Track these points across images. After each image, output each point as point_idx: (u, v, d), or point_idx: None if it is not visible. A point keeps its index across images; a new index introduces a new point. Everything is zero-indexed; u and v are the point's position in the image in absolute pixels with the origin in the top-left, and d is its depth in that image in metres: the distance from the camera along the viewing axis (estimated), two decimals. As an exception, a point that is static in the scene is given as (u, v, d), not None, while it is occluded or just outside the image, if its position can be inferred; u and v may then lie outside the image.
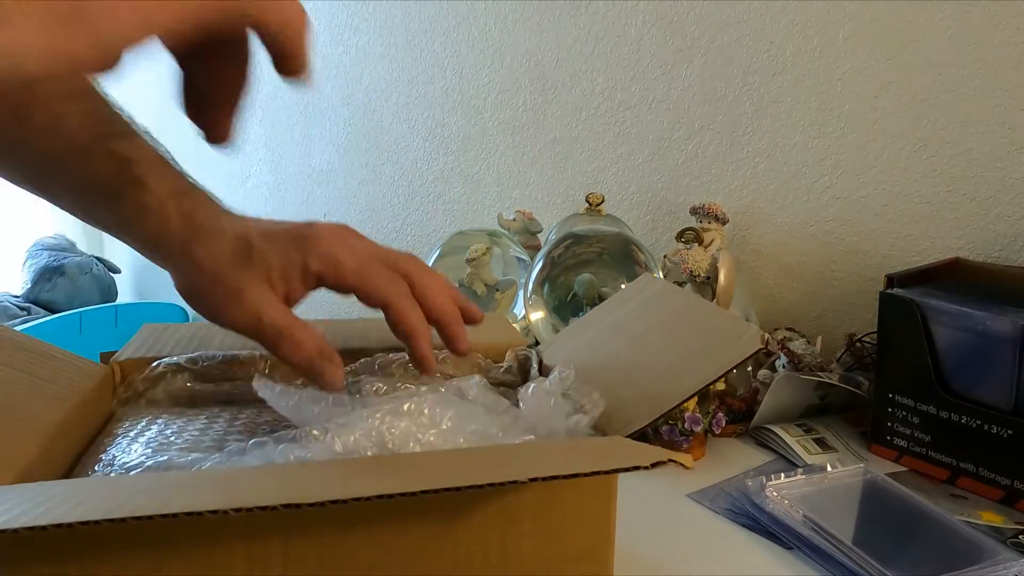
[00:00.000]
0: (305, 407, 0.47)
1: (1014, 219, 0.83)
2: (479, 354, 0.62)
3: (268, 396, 0.48)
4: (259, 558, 0.35)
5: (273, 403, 0.48)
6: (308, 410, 0.47)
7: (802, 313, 1.02)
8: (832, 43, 0.95)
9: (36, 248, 2.51)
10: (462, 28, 1.43)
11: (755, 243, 1.06)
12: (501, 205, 1.40)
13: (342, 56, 1.70)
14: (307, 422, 0.48)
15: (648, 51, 1.15)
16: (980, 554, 0.54)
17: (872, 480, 0.65)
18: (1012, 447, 0.64)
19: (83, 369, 0.56)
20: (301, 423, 0.48)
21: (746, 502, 0.62)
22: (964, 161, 0.86)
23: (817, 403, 0.81)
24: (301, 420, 0.48)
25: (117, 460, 0.46)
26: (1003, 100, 0.83)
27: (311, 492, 0.31)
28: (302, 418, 0.48)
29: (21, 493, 0.34)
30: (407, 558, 0.38)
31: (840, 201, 0.97)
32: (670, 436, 0.72)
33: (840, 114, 0.95)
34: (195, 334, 0.64)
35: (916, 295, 0.70)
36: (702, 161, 1.11)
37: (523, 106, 1.35)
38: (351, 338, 0.63)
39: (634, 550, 0.56)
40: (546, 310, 0.95)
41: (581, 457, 0.37)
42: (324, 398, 0.48)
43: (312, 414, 0.47)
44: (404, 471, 0.37)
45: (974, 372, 0.67)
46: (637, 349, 0.59)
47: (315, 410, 0.47)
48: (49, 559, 0.34)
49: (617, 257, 0.96)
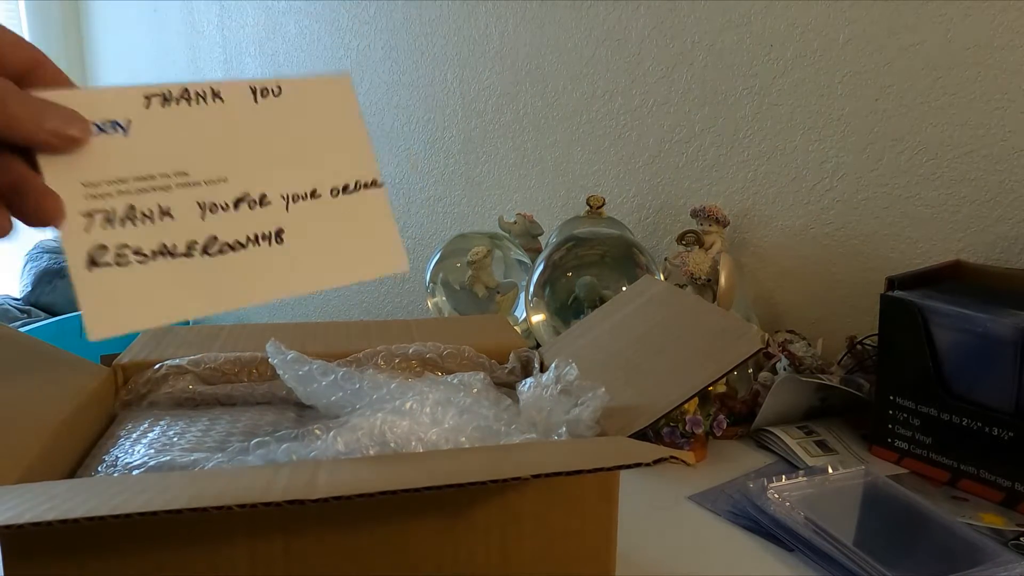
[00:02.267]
0: (314, 377, 0.48)
1: (1014, 221, 0.83)
2: (483, 355, 0.62)
3: (279, 362, 0.48)
4: (262, 555, 0.36)
5: (282, 369, 0.48)
6: (317, 381, 0.48)
7: (803, 315, 1.02)
8: (832, 46, 0.95)
9: (36, 251, 2.51)
10: (463, 31, 1.43)
11: (756, 246, 1.06)
12: (502, 208, 1.40)
13: (343, 58, 1.71)
14: (314, 394, 0.48)
15: (649, 54, 1.15)
16: (981, 556, 0.54)
17: (873, 482, 0.65)
18: (1013, 449, 0.64)
19: (85, 371, 0.56)
20: (307, 396, 0.48)
21: (747, 504, 0.62)
22: (964, 164, 0.86)
23: (818, 405, 0.81)
24: (307, 392, 0.48)
25: (120, 461, 0.46)
26: (1003, 103, 0.83)
27: (314, 489, 0.31)
28: (309, 389, 0.48)
29: (25, 492, 0.34)
30: (409, 557, 0.38)
31: (841, 204, 0.97)
32: (671, 438, 0.72)
33: (840, 117, 0.95)
34: (197, 336, 0.64)
35: (917, 297, 0.70)
36: (703, 164, 1.11)
37: (524, 109, 1.35)
38: (352, 338, 0.63)
39: (635, 552, 0.56)
40: (547, 312, 0.95)
41: (583, 455, 0.37)
42: (334, 371, 0.48)
43: (320, 386, 0.47)
44: (407, 469, 0.37)
45: (975, 374, 0.67)
46: (638, 350, 0.59)
47: (323, 382, 0.48)
48: (54, 555, 0.34)
49: (618, 260, 0.97)
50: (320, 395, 0.48)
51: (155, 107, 0.42)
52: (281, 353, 0.48)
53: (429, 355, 0.61)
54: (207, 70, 2.20)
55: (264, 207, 0.42)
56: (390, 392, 0.47)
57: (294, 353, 0.48)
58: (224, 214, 0.41)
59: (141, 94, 0.41)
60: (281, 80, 0.45)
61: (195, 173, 0.41)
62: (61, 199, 0.38)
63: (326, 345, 0.61)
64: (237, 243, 0.41)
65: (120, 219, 0.39)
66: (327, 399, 0.48)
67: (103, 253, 0.39)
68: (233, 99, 0.43)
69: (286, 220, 0.42)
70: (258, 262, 0.41)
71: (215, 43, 2.14)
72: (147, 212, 0.40)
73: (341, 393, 0.48)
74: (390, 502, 0.37)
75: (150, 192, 0.40)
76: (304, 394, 0.48)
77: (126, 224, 0.39)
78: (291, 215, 0.42)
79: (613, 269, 0.95)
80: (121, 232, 0.39)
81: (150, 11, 2.43)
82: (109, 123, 0.40)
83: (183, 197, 0.41)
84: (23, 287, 2.44)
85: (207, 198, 0.41)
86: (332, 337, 0.65)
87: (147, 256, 0.39)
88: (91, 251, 0.38)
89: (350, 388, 0.48)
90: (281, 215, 0.42)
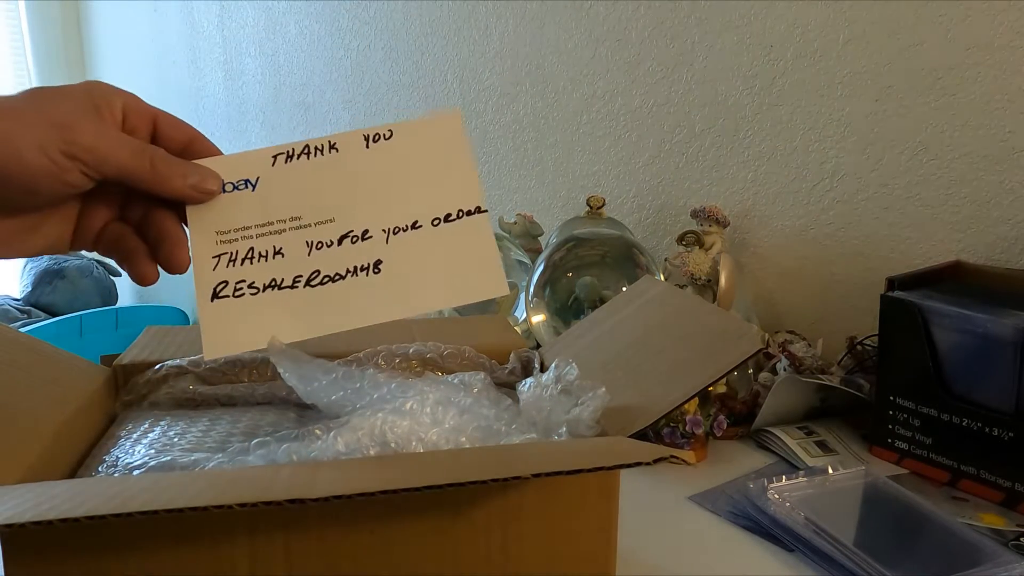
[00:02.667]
0: (315, 376, 0.48)
1: (1014, 222, 0.83)
2: (483, 355, 0.62)
3: (279, 360, 0.48)
4: (262, 556, 0.36)
5: (283, 367, 0.48)
6: (318, 379, 0.48)
7: (803, 316, 1.02)
8: (832, 47, 0.95)
9: (37, 251, 2.51)
10: (463, 31, 1.43)
11: (756, 246, 1.06)
12: (502, 208, 1.41)
13: (343, 59, 1.71)
14: (314, 393, 0.48)
15: (649, 55, 1.15)
16: (981, 556, 0.55)
17: (873, 482, 0.65)
18: (1013, 449, 0.64)
19: (86, 371, 0.56)
20: (307, 395, 0.48)
21: (747, 504, 0.62)
22: (964, 164, 0.86)
23: (818, 406, 0.81)
24: (308, 391, 0.48)
25: (121, 461, 0.47)
26: (1003, 103, 0.83)
27: (315, 488, 0.31)
28: (310, 388, 0.48)
29: (25, 492, 0.34)
30: (409, 557, 0.38)
31: (841, 204, 0.97)
32: (671, 438, 0.72)
33: (840, 117, 0.96)
34: (198, 337, 0.64)
35: (917, 298, 0.70)
36: (703, 164, 1.11)
37: (524, 109, 1.35)
38: (353, 338, 0.63)
39: (635, 552, 0.56)
40: (547, 313, 0.95)
41: (583, 454, 0.37)
42: (335, 369, 0.49)
43: (321, 384, 0.48)
44: (407, 468, 0.37)
45: (975, 374, 0.67)
46: (638, 351, 0.59)
47: (324, 380, 0.48)
48: (55, 554, 0.34)
49: (618, 260, 0.97)
50: (321, 394, 0.48)
51: (279, 164, 0.48)
52: (282, 352, 0.48)
53: (429, 355, 0.61)
54: (207, 70, 2.20)
55: (365, 241, 0.47)
56: (391, 391, 0.47)
57: (295, 351, 0.48)
58: (328, 250, 0.46)
59: (270, 155, 0.49)
60: (394, 124, 0.50)
61: (307, 217, 0.47)
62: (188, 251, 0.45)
63: (327, 345, 0.61)
64: (337, 275, 0.46)
65: (241, 259, 0.46)
66: (328, 398, 0.48)
67: (224, 287, 0.45)
68: (346, 148, 0.49)
69: (385, 252, 0.46)
70: (354, 291, 0.46)
71: (215, 43, 2.14)
72: (263, 253, 0.46)
73: (342, 392, 0.48)
74: (391, 501, 0.37)
75: (267, 236, 0.47)
76: (305, 392, 0.48)
77: (244, 263, 0.46)
78: (390, 247, 0.47)
79: (613, 269, 0.96)
80: (240, 270, 0.46)
81: (150, 11, 2.43)
82: (242, 181, 0.47)
83: (294, 238, 0.47)
84: (23, 287, 2.44)
85: (314, 237, 0.47)
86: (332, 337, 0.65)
87: (259, 289, 0.45)
88: (215, 286, 0.45)
89: (351, 387, 0.48)
90: (380, 248, 0.47)
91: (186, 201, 0.46)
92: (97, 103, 0.42)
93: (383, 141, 0.49)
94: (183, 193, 0.45)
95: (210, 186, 0.46)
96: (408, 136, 0.49)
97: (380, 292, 0.45)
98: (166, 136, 0.46)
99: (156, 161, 0.43)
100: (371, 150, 0.49)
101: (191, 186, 0.45)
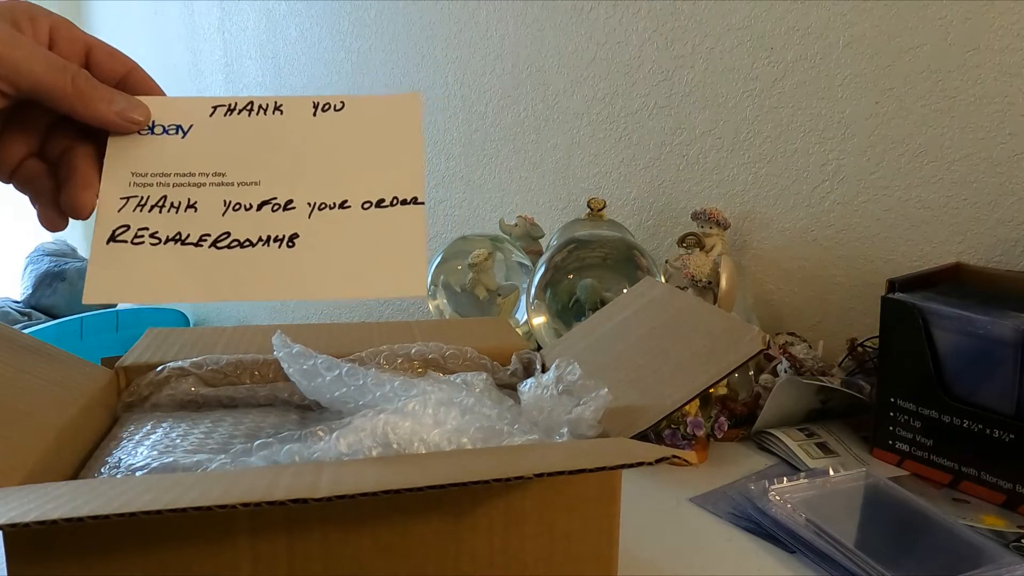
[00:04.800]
0: (319, 371, 0.48)
1: (1015, 224, 0.83)
2: (485, 356, 0.62)
3: (284, 355, 0.48)
4: (265, 556, 0.36)
5: (287, 362, 0.48)
6: (321, 375, 0.48)
7: (803, 318, 1.02)
8: (833, 49, 0.95)
9: (37, 253, 2.52)
10: (464, 33, 1.43)
11: (756, 248, 1.06)
12: (503, 210, 1.41)
13: (344, 61, 1.71)
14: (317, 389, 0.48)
15: (649, 57, 1.15)
16: (982, 558, 0.55)
17: (874, 484, 0.65)
18: (1014, 451, 0.64)
19: (88, 373, 0.56)
20: (310, 391, 0.48)
21: (749, 506, 0.62)
22: (964, 166, 0.86)
23: (819, 407, 0.81)
24: (311, 387, 0.48)
25: (123, 462, 0.47)
26: (1003, 106, 0.83)
27: (317, 488, 0.31)
28: (313, 384, 0.48)
29: (29, 492, 0.34)
30: (411, 558, 0.38)
31: (841, 206, 0.97)
32: (672, 440, 0.72)
33: (841, 119, 0.96)
34: (199, 338, 0.64)
35: (917, 299, 0.71)
36: (703, 166, 1.11)
37: (525, 111, 1.36)
38: (355, 338, 0.63)
39: (637, 554, 0.56)
40: (548, 315, 0.95)
41: (585, 454, 0.37)
42: (339, 366, 0.49)
43: (324, 380, 0.48)
44: (409, 469, 0.38)
45: (976, 376, 0.67)
46: (639, 352, 0.59)
47: (328, 376, 0.48)
48: (58, 555, 0.34)
49: (619, 262, 0.97)
50: (324, 390, 0.48)
51: (217, 115, 0.46)
52: (287, 346, 0.48)
53: (431, 355, 0.61)
54: (207, 72, 2.20)
55: (287, 211, 0.44)
56: (394, 389, 0.47)
57: (299, 347, 0.48)
58: (245, 213, 0.43)
59: (210, 104, 0.46)
60: (348, 96, 0.47)
61: (231, 175, 0.44)
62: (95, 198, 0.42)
63: (328, 346, 0.61)
64: (247, 241, 0.43)
65: (150, 206, 0.43)
66: (331, 394, 0.48)
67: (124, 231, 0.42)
68: (292, 112, 0.46)
69: (304, 226, 0.43)
70: (261, 261, 0.42)
71: (216, 45, 2.14)
72: (175, 204, 0.43)
73: (345, 389, 0.48)
74: (393, 502, 0.37)
75: (184, 187, 0.44)
76: (308, 388, 0.48)
77: (153, 211, 0.43)
78: (311, 222, 0.44)
79: (614, 271, 0.96)
80: (146, 216, 0.43)
81: (150, 12, 2.43)
82: (173, 126, 0.45)
83: (212, 194, 0.44)
84: (24, 290, 2.45)
85: (233, 198, 0.44)
86: (334, 338, 0.65)
87: (160, 240, 0.42)
88: (115, 229, 0.42)
89: (354, 384, 0.48)
90: (301, 221, 0.44)
91: (109, 128, 0.43)
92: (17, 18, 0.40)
93: (332, 112, 0.46)
94: (106, 118, 0.42)
95: (137, 115, 0.43)
96: (360, 111, 0.47)
97: (287, 268, 0.42)
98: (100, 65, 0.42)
99: (78, 80, 0.40)
100: (318, 119, 0.46)
101: (116, 112, 0.42)
